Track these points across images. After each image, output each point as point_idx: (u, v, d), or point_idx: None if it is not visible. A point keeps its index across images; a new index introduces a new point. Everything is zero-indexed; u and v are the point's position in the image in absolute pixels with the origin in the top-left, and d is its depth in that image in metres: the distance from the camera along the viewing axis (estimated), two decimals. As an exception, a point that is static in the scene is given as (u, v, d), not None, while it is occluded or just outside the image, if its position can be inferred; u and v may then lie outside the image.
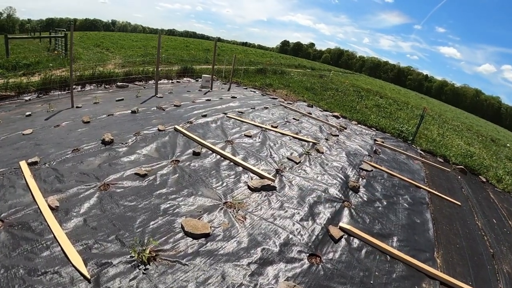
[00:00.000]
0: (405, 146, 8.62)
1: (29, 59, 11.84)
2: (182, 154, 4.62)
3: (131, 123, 5.71)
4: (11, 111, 6.44)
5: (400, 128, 10.11)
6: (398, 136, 9.53)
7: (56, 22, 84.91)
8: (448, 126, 17.07)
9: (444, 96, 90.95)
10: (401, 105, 19.39)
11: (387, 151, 7.51)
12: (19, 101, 7.31)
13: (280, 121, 7.81)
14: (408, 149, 8.29)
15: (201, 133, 5.70)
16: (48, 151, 4.26)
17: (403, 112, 16.09)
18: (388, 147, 7.82)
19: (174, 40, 37.00)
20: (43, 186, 3.43)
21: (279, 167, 4.94)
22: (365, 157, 6.46)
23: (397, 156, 7.27)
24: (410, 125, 11.31)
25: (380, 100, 18.44)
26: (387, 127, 10.05)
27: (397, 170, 6.16)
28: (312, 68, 41.49)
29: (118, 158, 4.18)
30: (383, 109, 14.69)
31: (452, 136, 13.37)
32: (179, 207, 3.40)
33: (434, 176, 6.60)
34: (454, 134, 14.61)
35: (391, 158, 7.01)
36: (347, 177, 5.14)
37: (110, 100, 7.44)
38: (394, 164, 6.58)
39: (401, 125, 10.65)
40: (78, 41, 25.05)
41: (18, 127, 5.22)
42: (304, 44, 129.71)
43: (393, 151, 7.65)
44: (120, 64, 13.16)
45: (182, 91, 9.56)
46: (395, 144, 8.34)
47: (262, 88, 13.22)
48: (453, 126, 18.12)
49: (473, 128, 22.42)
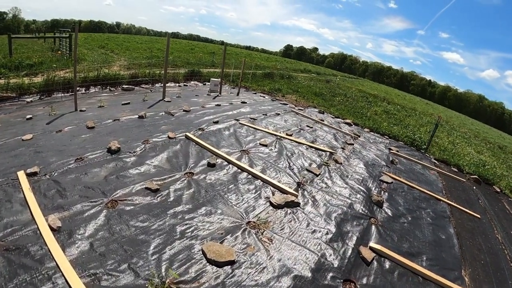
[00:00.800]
0: (419, 155, 8.48)
1: (33, 59, 11.60)
2: (196, 165, 4.26)
3: (139, 130, 5.36)
4: (11, 114, 6.13)
5: (413, 136, 9.99)
6: (411, 144, 9.41)
7: (61, 23, 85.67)
8: (456, 133, 16.99)
9: (447, 101, 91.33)
10: (409, 112, 19.41)
11: (403, 160, 7.33)
12: (20, 103, 7.02)
13: (294, 129, 7.49)
14: (422, 158, 8.16)
15: (214, 142, 5.34)
16: (49, 160, 3.91)
17: (412, 119, 16.09)
18: (403, 156, 7.68)
19: (179, 43, 36.96)
20: (43, 201, 3.07)
21: (300, 180, 4.64)
22: (383, 167, 6.28)
23: (413, 166, 7.12)
24: (421, 133, 11.25)
25: (388, 106, 18.40)
26: (400, 135, 9.92)
27: (415, 181, 5.99)
28: (317, 72, 41.39)
29: (126, 170, 3.82)
30: (393, 116, 14.67)
31: (462, 144, 13.31)
32: (198, 228, 3.03)
33: (451, 187, 6.46)
34: (464, 141, 14.55)
35: (408, 168, 6.83)
36: (369, 190, 4.93)
37: (115, 103, 7.11)
38: (412, 175, 6.40)
39: (413, 133, 10.54)
40: (83, 42, 24.94)
41: (17, 131, 4.90)
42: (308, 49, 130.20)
43: (409, 160, 7.50)
44: (125, 66, 12.88)
45: (190, 95, 9.24)
46: (409, 153, 8.19)
47: (271, 93, 12.95)
48: (461, 133, 18.08)
49: (480, 135, 22.36)
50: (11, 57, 12.58)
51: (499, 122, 76.95)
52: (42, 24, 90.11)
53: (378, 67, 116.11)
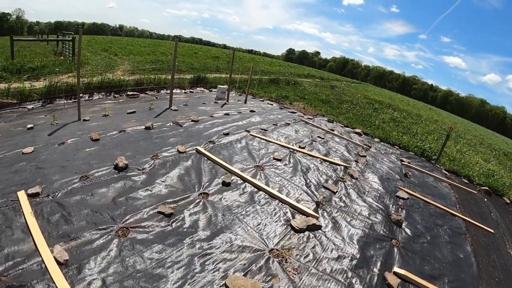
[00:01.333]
0: (430, 166, 8.36)
1: (35, 63, 11.40)
2: (210, 184, 3.99)
3: (147, 142, 5.10)
4: (11, 122, 5.88)
5: (423, 146, 9.87)
6: (421, 155, 9.30)
7: (65, 25, 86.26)
8: (462, 141, 16.98)
9: (449, 106, 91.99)
10: (415, 119, 19.54)
11: (416, 173, 7.23)
12: (21, 110, 6.77)
13: (306, 140, 7.26)
14: (433, 169, 8.05)
15: (226, 156, 5.08)
16: (51, 178, 3.64)
17: (418, 126, 16.13)
18: (415, 168, 7.57)
19: (182, 46, 36.88)
20: (47, 228, 2.80)
21: (318, 199, 4.42)
22: (398, 181, 6.17)
23: (426, 179, 7.00)
24: (430, 142, 11.23)
25: (395, 113, 18.42)
26: (410, 145, 9.79)
27: (430, 195, 5.89)
28: (321, 77, 41.36)
29: (135, 190, 3.55)
30: (400, 123, 14.69)
31: (469, 152, 13.29)
32: (218, 259, 2.76)
33: (464, 201, 6.36)
34: (470, 149, 14.55)
35: (421, 181, 6.71)
36: (387, 207, 4.79)
37: (120, 112, 6.86)
38: (426, 189, 6.29)
39: (423, 143, 10.45)
40: (86, 45, 24.83)
41: (17, 143, 4.64)
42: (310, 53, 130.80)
43: (421, 172, 7.39)
44: (129, 71, 12.67)
45: (197, 103, 9.00)
46: (421, 165, 8.08)
47: (279, 101, 12.75)
48: (467, 141, 18.11)
49: (485, 142, 22.46)
50: (13, 60, 12.40)
51: (501, 126, 77.68)
52: (46, 25, 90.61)
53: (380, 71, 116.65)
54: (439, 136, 14.44)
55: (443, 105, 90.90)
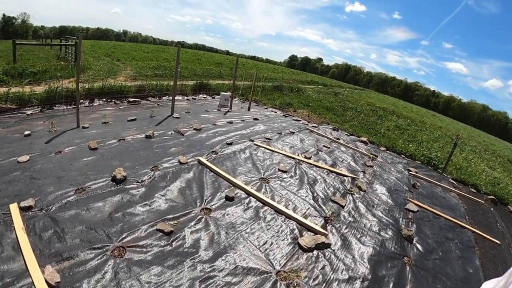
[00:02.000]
0: (437, 175, 8.23)
1: (36, 67, 11.37)
2: (212, 198, 3.80)
3: (147, 152, 4.94)
4: (9, 128, 5.75)
5: (429, 155, 9.77)
6: (428, 163, 9.19)
7: (69, 30, 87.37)
8: (467, 148, 16.92)
9: (452, 111, 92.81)
10: (420, 126, 19.58)
11: (423, 183, 7.09)
12: (19, 115, 6.66)
13: (311, 150, 7.10)
14: (441, 179, 7.92)
15: (230, 168, 4.90)
16: (46, 190, 3.48)
17: (423, 133, 16.16)
18: (423, 178, 7.44)
19: (185, 52, 37.08)
20: (39, 245, 2.63)
21: (327, 214, 4.23)
22: (407, 193, 6.02)
23: (434, 189, 6.86)
24: (436, 150, 11.18)
25: (399, 120, 18.44)
26: (416, 154, 9.68)
27: (439, 207, 5.75)
28: (324, 84, 41.45)
29: (133, 205, 3.37)
30: (405, 131, 14.66)
31: (475, 160, 13.27)
32: (221, 283, 2.57)
33: (472, 211, 6.25)
34: (476, 157, 14.51)
35: (430, 192, 6.56)
36: (397, 221, 4.63)
37: (121, 119, 6.72)
38: (434, 200, 6.15)
39: (429, 152, 10.35)
40: (89, 50, 24.95)
41: (14, 150, 4.49)
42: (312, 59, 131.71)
43: (429, 182, 7.26)
44: (131, 77, 12.61)
45: (199, 111, 8.86)
46: (428, 174, 7.96)
47: (283, 108, 12.65)
48: (472, 147, 18.08)
49: (489, 149, 22.37)
50: (15, 63, 12.39)
51: (503, 132, 78.89)
52: (50, 30, 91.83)
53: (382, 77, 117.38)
54: (445, 144, 14.46)
55: (446, 111, 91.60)
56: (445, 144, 14.35)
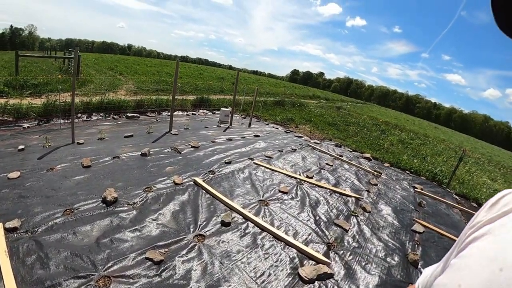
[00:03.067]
0: (441, 191, 8.07)
1: (38, 79, 11.44)
2: (207, 224, 3.62)
3: (141, 171, 4.80)
4: (3, 141, 5.67)
5: (434, 170, 9.66)
6: (433, 179, 9.07)
7: (75, 42, 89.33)
8: (471, 160, 16.84)
9: (453, 123, 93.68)
10: (423, 139, 19.62)
11: (429, 200, 6.92)
12: (16, 128, 6.59)
13: (314, 168, 6.95)
14: (445, 195, 7.78)
15: (227, 189, 4.74)
16: (33, 210, 3.34)
17: (427, 147, 16.15)
18: (428, 195, 7.29)
19: (187, 67, 37.57)
20: (21, 270, 2.48)
21: (329, 239, 4.01)
22: (413, 212, 5.83)
23: (439, 206, 6.69)
24: (440, 164, 11.13)
25: (402, 134, 18.46)
26: (421, 170, 9.57)
27: (443, 226, 5.57)
28: (326, 98, 41.77)
29: (123, 230, 3.20)
30: (408, 145, 14.63)
31: (477, 172, 13.19)
32: (211, 326, 2.35)
33: None
34: (479, 169, 14.45)
35: (435, 210, 6.37)
36: (403, 245, 4.41)
37: (117, 135, 6.62)
38: (439, 218, 5.98)
39: (434, 167, 10.27)
40: (93, 63, 25.28)
41: (5, 165, 4.39)
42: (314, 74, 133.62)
43: (434, 199, 7.10)
44: (132, 91, 12.65)
45: (199, 127, 8.78)
46: (433, 191, 7.82)
47: (284, 124, 12.57)
48: (475, 159, 18.00)
49: (493, 160, 22.28)
50: (17, 75, 12.47)
51: (506, 141, 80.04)
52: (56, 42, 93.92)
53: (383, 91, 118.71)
54: (448, 157, 14.43)
55: (447, 123, 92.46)
56: (449, 158, 14.30)
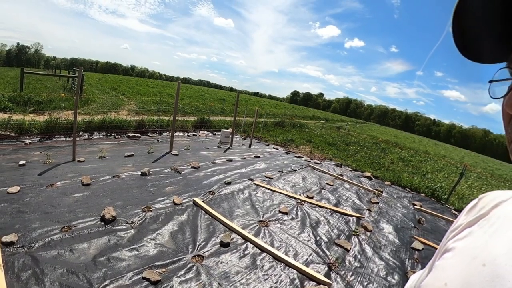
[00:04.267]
0: (440, 207, 8.11)
1: (42, 96, 11.69)
2: (206, 244, 3.60)
3: (140, 191, 4.82)
4: (5, 156, 5.75)
5: (433, 186, 9.70)
6: (432, 195, 9.13)
7: (80, 62, 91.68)
8: (473, 175, 16.87)
9: (453, 139, 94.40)
10: (423, 156, 19.80)
11: (428, 217, 6.94)
12: (18, 144, 6.69)
13: (314, 189, 6.96)
14: (444, 211, 7.82)
15: (227, 210, 4.74)
16: (31, 225, 3.34)
17: (428, 164, 16.25)
18: (427, 212, 7.32)
19: (189, 88, 38.34)
20: (16, 286, 2.48)
21: (330, 260, 3.97)
22: (412, 230, 5.85)
23: (438, 223, 6.72)
24: (440, 181, 11.21)
25: (402, 152, 18.63)
26: (421, 187, 9.63)
27: None
28: (326, 119, 42.31)
29: (120, 248, 3.18)
30: (409, 163, 14.72)
31: (479, 187, 13.19)
32: None
33: None
34: (481, 183, 14.45)
35: (434, 226, 6.38)
36: (403, 263, 4.39)
37: (118, 154, 6.69)
38: (438, 234, 5.97)
39: (434, 183, 10.32)
40: (96, 82, 25.85)
41: (5, 180, 4.45)
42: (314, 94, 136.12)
43: (432, 216, 7.13)
44: (134, 111, 12.87)
45: (199, 148, 8.86)
46: (432, 207, 7.87)
47: (284, 145, 12.68)
48: (477, 174, 18.06)
49: (495, 173, 22.37)
50: (21, 91, 12.75)
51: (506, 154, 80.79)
52: (62, 61, 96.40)
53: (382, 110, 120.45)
54: (450, 173, 14.48)
55: (447, 139, 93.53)
56: (450, 174, 14.34)
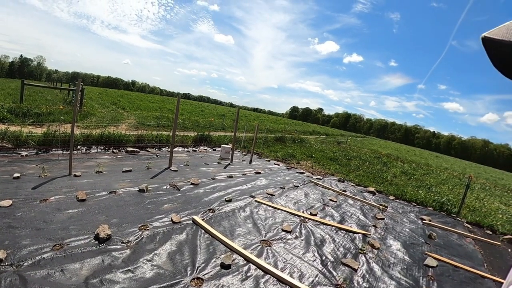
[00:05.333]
0: (451, 221, 7.93)
1: (41, 109, 11.66)
2: (206, 266, 3.41)
3: (137, 208, 4.65)
4: (0, 167, 5.57)
5: (441, 199, 9.55)
6: (440, 209, 8.96)
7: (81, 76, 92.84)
8: (477, 186, 16.75)
9: (454, 150, 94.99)
10: (426, 169, 19.74)
11: (439, 232, 6.75)
12: (14, 156, 6.59)
13: (317, 205, 6.79)
14: (456, 224, 7.66)
15: (227, 228, 4.55)
16: (21, 242, 3.18)
17: (431, 177, 16.16)
18: (437, 226, 7.15)
19: (189, 104, 38.58)
20: None
21: (338, 281, 3.75)
22: (423, 246, 5.66)
23: (450, 237, 6.52)
24: (446, 193, 11.11)
25: (404, 166, 18.51)
26: (427, 200, 9.45)
27: (457, 257, 5.38)
28: (326, 134, 42.46)
29: (114, 270, 2.99)
30: (411, 176, 14.61)
31: (487, 198, 13.02)
32: None
33: (489, 256, 5.89)
34: (488, 194, 14.27)
35: (446, 241, 6.19)
36: (417, 282, 4.19)
37: (115, 169, 6.55)
38: (452, 249, 5.79)
39: (440, 196, 10.16)
40: (97, 96, 25.98)
41: (-2, 192, 4.27)
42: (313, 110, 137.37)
43: (444, 230, 6.95)
44: (133, 126, 12.81)
45: (199, 164, 8.72)
46: (442, 221, 7.70)
47: (285, 160, 12.54)
48: (481, 185, 17.97)
49: (498, 184, 22.18)
50: (21, 103, 12.72)
51: (508, 163, 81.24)
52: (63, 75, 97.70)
53: (382, 123, 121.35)
54: (453, 185, 14.32)
55: (448, 151, 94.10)
56: (454, 186, 14.17)
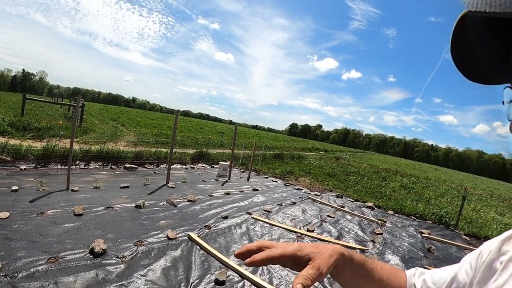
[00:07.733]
0: (450, 234, 7.95)
1: (42, 123, 11.83)
2: (200, 282, 3.42)
3: (133, 223, 4.69)
4: (-2, 180, 5.65)
5: (439, 212, 9.58)
6: (439, 222, 8.97)
7: (82, 92, 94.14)
8: (474, 197, 16.92)
9: (451, 162, 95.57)
10: (425, 182, 19.80)
11: (438, 245, 6.74)
12: (13, 169, 6.68)
13: (315, 221, 6.78)
14: (454, 237, 7.70)
15: (223, 245, 4.57)
16: (17, 254, 3.22)
17: (430, 190, 16.23)
18: (436, 239, 7.14)
19: (189, 121, 38.96)
20: None
21: None
22: (422, 260, 5.62)
23: (449, 250, 6.51)
24: (444, 206, 11.22)
25: (404, 180, 18.55)
26: (426, 213, 9.48)
27: None
28: (325, 150, 42.59)
29: (108, 284, 3.02)
30: (411, 190, 14.65)
31: (483, 209, 13.17)
32: None
33: None
34: (484, 205, 14.42)
35: (445, 254, 6.16)
36: None
37: (113, 185, 6.62)
38: (451, 263, 5.16)
39: (439, 209, 10.22)
40: (97, 113, 26.31)
41: (-5, 205, 4.33)
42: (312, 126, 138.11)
43: (443, 243, 6.95)
44: (132, 142, 12.95)
45: (197, 181, 8.78)
46: (441, 234, 7.71)
47: (283, 177, 12.59)
48: (478, 196, 18.08)
49: (494, 194, 22.34)
50: (22, 117, 12.91)
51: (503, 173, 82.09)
52: (65, 90, 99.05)
53: (381, 138, 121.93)
54: (452, 197, 14.42)
55: (446, 163, 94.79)
56: (452, 198, 14.23)
